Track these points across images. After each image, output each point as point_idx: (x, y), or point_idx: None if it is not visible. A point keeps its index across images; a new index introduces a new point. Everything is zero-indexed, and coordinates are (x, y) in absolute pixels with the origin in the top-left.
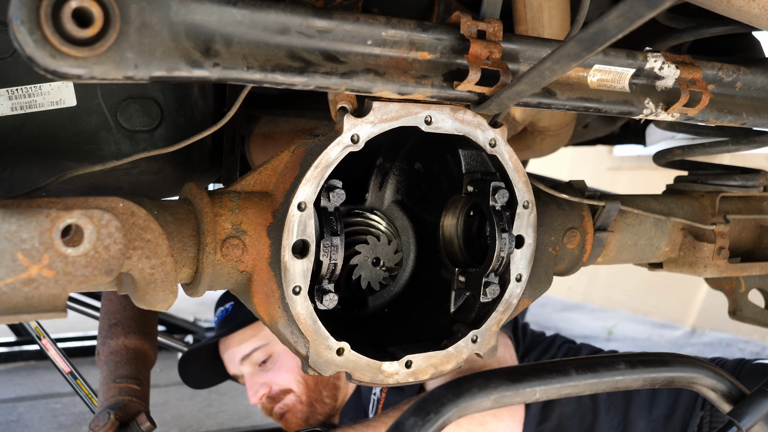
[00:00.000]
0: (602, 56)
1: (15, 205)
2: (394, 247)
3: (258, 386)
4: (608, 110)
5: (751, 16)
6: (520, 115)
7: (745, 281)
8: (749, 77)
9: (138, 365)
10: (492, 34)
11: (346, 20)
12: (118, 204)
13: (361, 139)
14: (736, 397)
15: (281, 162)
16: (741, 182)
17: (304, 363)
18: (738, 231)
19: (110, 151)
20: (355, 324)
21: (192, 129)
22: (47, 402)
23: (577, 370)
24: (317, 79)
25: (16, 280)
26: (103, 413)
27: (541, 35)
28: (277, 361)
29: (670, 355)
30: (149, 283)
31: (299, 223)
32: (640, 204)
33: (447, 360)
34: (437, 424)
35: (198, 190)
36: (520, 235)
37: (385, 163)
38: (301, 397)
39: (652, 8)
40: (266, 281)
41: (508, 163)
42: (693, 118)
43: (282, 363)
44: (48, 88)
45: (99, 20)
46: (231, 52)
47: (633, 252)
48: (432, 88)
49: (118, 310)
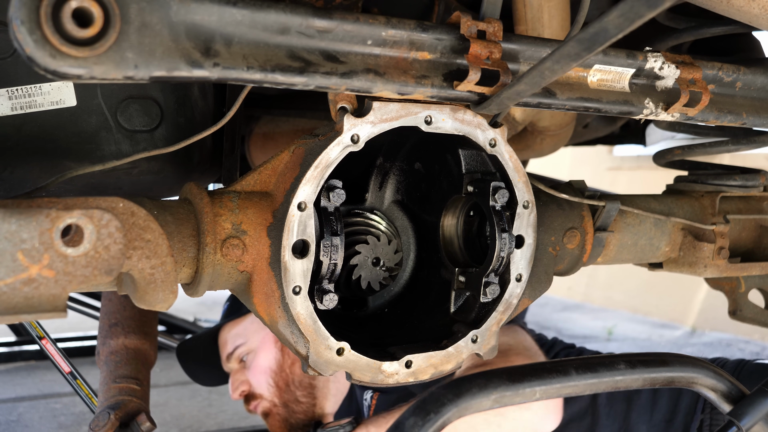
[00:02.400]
0: (602, 56)
1: (15, 205)
2: (394, 247)
3: (238, 383)
4: (608, 110)
5: (751, 16)
6: (520, 115)
7: (745, 281)
8: (749, 77)
9: (138, 365)
10: (492, 34)
11: (346, 20)
12: (118, 204)
13: (361, 139)
14: (736, 397)
15: (281, 162)
16: (741, 182)
17: (304, 363)
18: (738, 231)
19: (110, 151)
20: (355, 324)
21: (192, 129)
22: (47, 402)
23: (577, 370)
24: (317, 79)
25: (16, 280)
26: (103, 413)
27: (541, 35)
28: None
29: (670, 355)
30: (149, 283)
31: (299, 223)
32: (640, 204)
33: (447, 360)
34: (437, 424)
35: (198, 190)
36: (520, 235)
37: (385, 163)
38: (273, 400)
39: (652, 8)
40: (266, 281)
41: (508, 163)
42: (693, 118)
43: (255, 365)
44: (48, 88)
45: (99, 20)
46: (231, 52)
47: (633, 252)
48: (432, 88)
49: (118, 310)
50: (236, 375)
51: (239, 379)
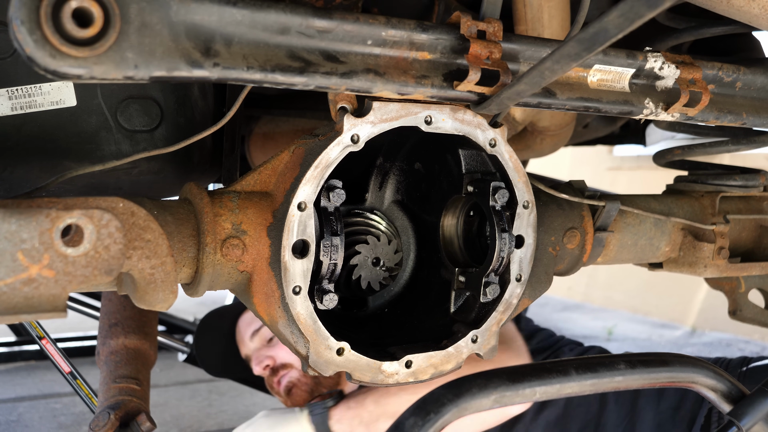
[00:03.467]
0: (602, 56)
1: (15, 205)
2: (394, 247)
3: (263, 357)
4: (608, 110)
5: (751, 16)
6: (520, 115)
7: (745, 281)
8: (749, 77)
9: (138, 365)
10: (492, 34)
11: (346, 20)
12: (118, 204)
13: (361, 139)
14: (736, 397)
15: (281, 162)
16: (741, 182)
17: (304, 363)
18: (738, 231)
19: (110, 151)
20: (355, 324)
21: (192, 129)
22: (47, 402)
23: (577, 370)
24: (317, 79)
25: (16, 280)
26: (103, 413)
27: (541, 35)
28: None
29: (670, 355)
30: (149, 283)
31: (299, 223)
32: (640, 204)
33: (447, 360)
34: (437, 424)
35: (198, 190)
36: (520, 235)
37: (385, 163)
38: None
39: (652, 8)
40: (266, 281)
41: (508, 163)
42: (693, 118)
43: None
44: (48, 88)
45: (99, 20)
46: (231, 52)
47: (633, 252)
48: (432, 88)
49: (118, 310)
50: (261, 351)
51: (264, 354)
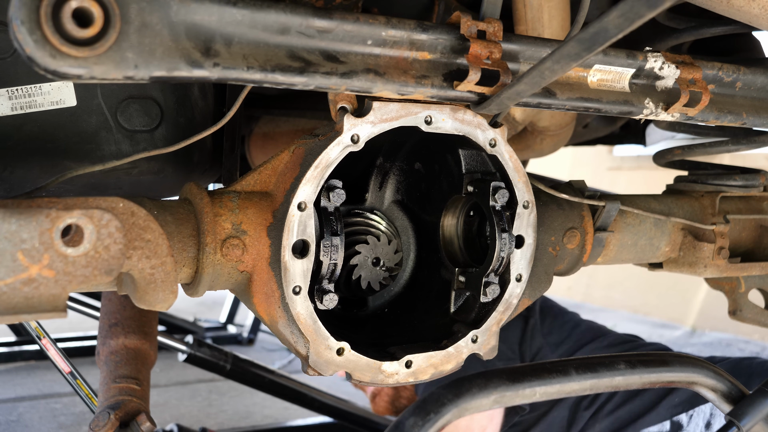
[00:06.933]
0: (602, 56)
1: (15, 205)
2: (394, 247)
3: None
4: (608, 110)
5: (751, 16)
6: (520, 115)
7: (745, 281)
8: (749, 77)
9: (138, 365)
10: (492, 34)
11: (346, 20)
12: (118, 204)
13: (361, 139)
14: (736, 397)
15: (281, 162)
16: (741, 182)
17: (304, 363)
18: (738, 231)
19: (110, 151)
20: (355, 324)
21: (192, 129)
22: (47, 402)
23: (577, 370)
24: (317, 79)
25: (16, 280)
26: (103, 413)
27: (541, 35)
28: None
29: (670, 355)
30: (149, 283)
31: (299, 223)
32: (640, 204)
33: (447, 360)
34: (437, 424)
35: (198, 190)
36: (520, 235)
37: (385, 163)
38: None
39: (652, 8)
40: (266, 281)
41: (508, 163)
42: (693, 118)
43: None
44: (48, 88)
45: (99, 20)
46: (231, 52)
47: (633, 252)
48: (432, 88)
49: (118, 310)
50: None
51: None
